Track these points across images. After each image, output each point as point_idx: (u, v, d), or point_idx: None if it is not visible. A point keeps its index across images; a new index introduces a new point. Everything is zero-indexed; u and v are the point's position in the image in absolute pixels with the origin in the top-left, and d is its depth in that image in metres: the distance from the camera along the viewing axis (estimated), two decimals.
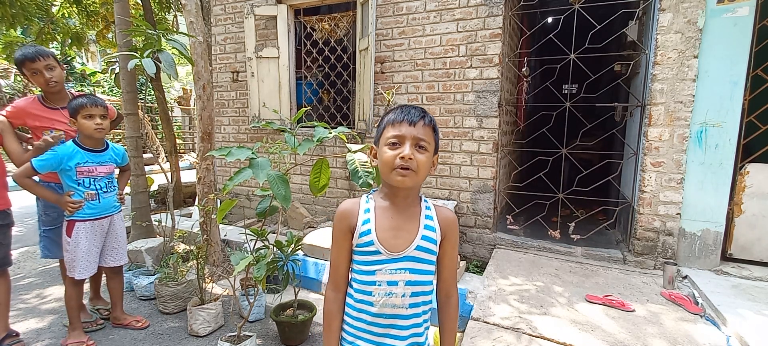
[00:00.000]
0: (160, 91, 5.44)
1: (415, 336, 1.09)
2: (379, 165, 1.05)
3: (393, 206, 1.07)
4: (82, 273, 2.21)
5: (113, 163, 2.33)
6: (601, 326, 2.17)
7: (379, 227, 1.05)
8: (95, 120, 2.16)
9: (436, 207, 1.12)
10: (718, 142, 2.74)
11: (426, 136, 1.02)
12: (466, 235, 3.60)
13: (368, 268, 1.05)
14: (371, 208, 1.08)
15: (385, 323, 1.06)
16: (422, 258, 1.06)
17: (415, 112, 1.02)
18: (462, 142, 3.50)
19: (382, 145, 1.04)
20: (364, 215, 1.07)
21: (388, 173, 1.02)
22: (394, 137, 1.01)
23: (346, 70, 4.15)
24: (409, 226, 1.06)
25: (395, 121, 1.02)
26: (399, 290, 1.04)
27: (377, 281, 1.04)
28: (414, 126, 1.00)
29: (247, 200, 4.66)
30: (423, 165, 1.01)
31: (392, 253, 1.04)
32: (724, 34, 2.66)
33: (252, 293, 2.51)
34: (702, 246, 2.85)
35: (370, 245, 1.04)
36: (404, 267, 1.04)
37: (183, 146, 12.50)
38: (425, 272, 1.07)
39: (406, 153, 0.98)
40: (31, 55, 2.21)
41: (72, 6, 6.00)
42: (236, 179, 1.67)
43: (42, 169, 2.08)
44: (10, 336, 2.21)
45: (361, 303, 1.07)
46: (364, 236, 1.05)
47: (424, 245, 1.05)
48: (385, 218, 1.06)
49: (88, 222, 2.22)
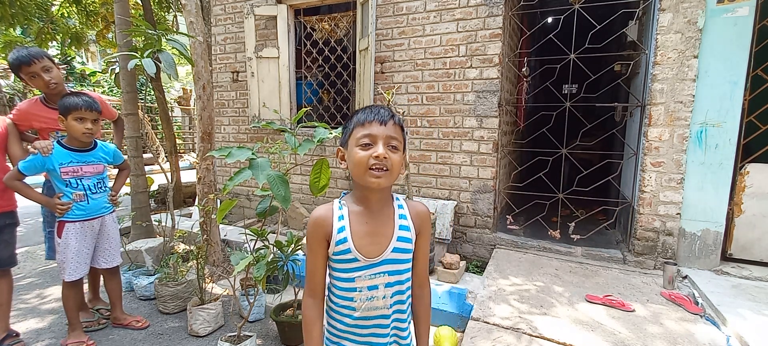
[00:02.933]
0: (160, 91, 5.44)
1: (397, 330, 1.10)
2: (350, 167, 1.02)
3: (367, 210, 1.05)
4: (71, 275, 2.18)
5: (102, 163, 2.28)
6: (601, 326, 2.17)
7: (355, 234, 1.03)
8: (86, 124, 2.12)
9: (409, 203, 1.11)
10: (718, 143, 2.74)
11: (396, 135, 1.01)
12: (466, 235, 3.60)
13: (347, 275, 1.04)
14: (345, 214, 1.05)
15: (369, 325, 1.06)
16: (399, 259, 1.06)
17: (384, 111, 1.01)
18: (462, 142, 3.50)
19: (353, 146, 1.01)
20: (338, 223, 1.04)
21: (361, 175, 0.99)
22: (365, 137, 0.98)
23: (346, 70, 4.15)
24: (384, 230, 1.05)
25: (365, 120, 1.00)
26: (380, 292, 1.04)
27: (357, 287, 1.04)
28: (385, 125, 0.99)
29: (247, 200, 4.66)
30: (396, 164, 1.00)
31: (370, 259, 1.03)
32: (724, 34, 2.66)
33: (252, 293, 2.51)
34: (702, 246, 2.85)
35: (347, 252, 1.02)
36: (383, 271, 1.04)
37: (183, 146, 12.50)
38: (403, 271, 1.07)
39: (381, 152, 0.96)
40: (25, 58, 2.14)
41: (72, 6, 6.00)
42: (236, 179, 1.67)
43: (27, 171, 2.06)
44: (10, 336, 2.21)
45: (343, 309, 1.06)
46: (341, 243, 1.02)
47: (401, 245, 1.05)
48: (361, 224, 1.04)
49: (77, 223, 2.19)
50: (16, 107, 2.32)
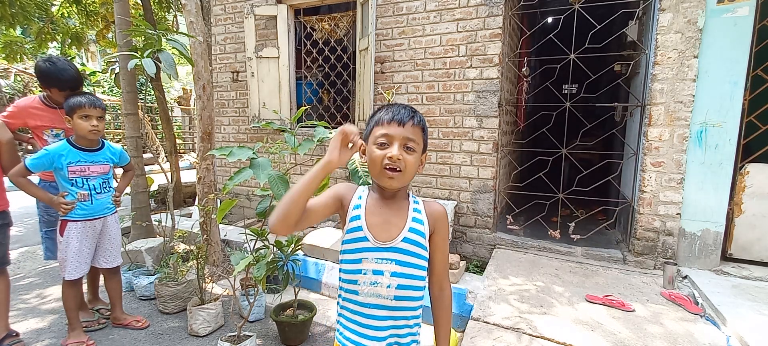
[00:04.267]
0: (160, 91, 5.44)
1: (395, 337, 1.07)
2: (368, 163, 1.06)
3: (382, 200, 1.09)
4: (72, 273, 2.19)
5: (108, 164, 2.30)
6: (601, 326, 2.17)
7: (368, 213, 1.07)
8: (91, 121, 2.14)
9: (425, 202, 1.13)
10: (718, 142, 2.74)
11: (415, 136, 1.02)
12: (466, 235, 3.60)
13: (355, 255, 1.06)
14: (364, 196, 1.10)
15: (369, 314, 1.05)
16: (410, 251, 1.06)
17: (404, 111, 1.03)
18: (462, 142, 3.50)
19: (371, 143, 1.05)
20: (356, 200, 1.09)
21: (376, 173, 1.03)
22: (383, 137, 1.02)
23: (346, 70, 4.15)
24: (396, 220, 1.07)
25: (385, 120, 1.03)
26: (384, 280, 1.04)
27: (363, 269, 1.05)
28: (403, 126, 1.01)
29: (247, 200, 4.66)
30: (411, 166, 1.02)
31: (379, 242, 1.04)
32: (724, 34, 2.66)
33: (252, 293, 2.51)
34: (702, 246, 2.85)
35: (359, 230, 1.06)
36: (390, 258, 1.04)
37: (183, 146, 12.50)
38: (413, 265, 1.06)
39: (394, 154, 0.99)
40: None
41: (72, 6, 6.00)
42: (236, 178, 1.67)
43: (35, 168, 2.08)
44: (10, 336, 2.21)
45: (348, 293, 1.08)
46: (354, 220, 1.06)
47: (412, 237, 1.06)
48: (375, 212, 1.08)
49: (79, 222, 2.20)
50: (13, 104, 2.32)
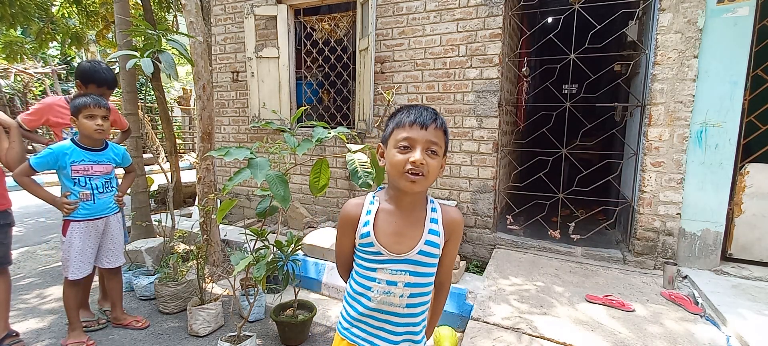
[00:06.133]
0: (160, 91, 5.44)
1: (410, 335, 1.09)
2: (387, 167, 1.02)
3: (398, 210, 1.05)
4: (74, 273, 2.19)
5: (111, 164, 2.32)
6: (601, 326, 2.17)
7: (380, 232, 1.04)
8: (96, 121, 2.15)
9: (443, 208, 1.09)
10: (718, 142, 2.74)
11: (437, 139, 0.98)
12: (466, 235, 3.59)
13: (369, 265, 1.05)
14: (374, 210, 1.05)
15: (381, 318, 1.06)
16: (424, 262, 1.04)
17: (427, 114, 0.98)
18: (462, 142, 3.50)
19: (391, 146, 1.00)
20: (365, 216, 1.05)
21: (397, 177, 0.98)
22: (404, 140, 0.97)
23: (346, 70, 4.15)
24: (412, 232, 1.04)
25: (406, 123, 0.98)
26: (398, 290, 1.04)
27: (377, 278, 1.04)
28: (426, 129, 0.96)
29: (247, 200, 4.66)
30: (433, 169, 0.98)
31: (393, 254, 1.03)
32: (724, 34, 2.66)
33: (252, 293, 2.51)
34: (702, 246, 2.85)
35: (371, 246, 1.04)
36: (405, 269, 1.03)
37: (183, 146, 12.50)
38: (426, 274, 1.06)
39: (418, 159, 0.94)
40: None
41: (72, 6, 6.00)
42: (236, 179, 1.67)
43: (39, 167, 2.08)
44: (10, 336, 2.21)
45: (359, 295, 1.08)
46: (365, 237, 1.04)
47: (427, 249, 1.04)
48: (389, 223, 1.04)
49: (82, 222, 2.20)
50: (39, 102, 2.44)
